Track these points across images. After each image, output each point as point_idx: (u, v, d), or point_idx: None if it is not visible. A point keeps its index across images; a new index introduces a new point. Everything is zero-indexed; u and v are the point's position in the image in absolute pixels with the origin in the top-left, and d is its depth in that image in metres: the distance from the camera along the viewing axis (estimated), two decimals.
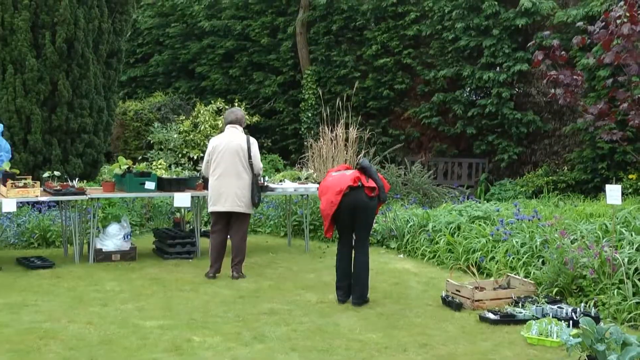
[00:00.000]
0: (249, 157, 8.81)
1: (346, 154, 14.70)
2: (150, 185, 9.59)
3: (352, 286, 7.65)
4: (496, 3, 15.04)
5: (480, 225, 9.85)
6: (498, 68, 15.25)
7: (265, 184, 10.30)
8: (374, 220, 8.01)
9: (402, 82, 16.52)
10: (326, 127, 15.07)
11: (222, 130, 9.26)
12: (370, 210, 7.53)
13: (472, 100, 15.85)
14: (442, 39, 15.87)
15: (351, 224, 7.57)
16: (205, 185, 9.69)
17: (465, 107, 15.69)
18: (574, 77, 10.35)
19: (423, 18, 16.26)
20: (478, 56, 15.53)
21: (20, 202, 9.62)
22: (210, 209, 8.85)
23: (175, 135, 15.61)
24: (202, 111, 16.25)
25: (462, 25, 15.40)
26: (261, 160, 15.99)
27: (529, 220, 9.48)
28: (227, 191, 8.71)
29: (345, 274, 7.69)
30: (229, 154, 8.75)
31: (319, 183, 10.99)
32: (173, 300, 7.68)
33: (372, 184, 7.52)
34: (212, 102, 16.92)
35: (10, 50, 11.61)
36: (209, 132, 15.73)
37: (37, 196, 9.14)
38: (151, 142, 16.38)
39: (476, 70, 15.33)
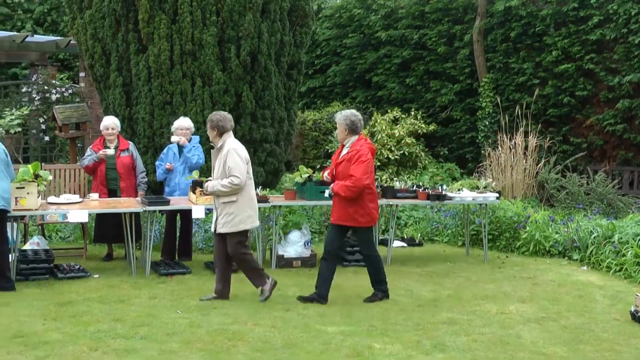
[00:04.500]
0: None
1: (525, 162, 14.39)
2: (328, 193, 9.77)
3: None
4: None
5: None
6: None
7: (443, 192, 10.28)
8: None
9: (584, 88, 15.95)
10: (504, 136, 14.83)
11: (220, 133, 8.13)
12: None
13: None
14: (627, 42, 15.19)
15: None
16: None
17: None
18: None
19: (607, 22, 15.63)
20: None
21: (208, 209, 10.07)
22: (253, 224, 8.22)
23: None
24: (378, 120, 16.40)
25: None
26: (438, 169, 16.16)
27: None
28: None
29: None
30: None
31: (498, 192, 10.87)
32: (353, 307, 7.81)
33: None
34: (388, 111, 17.04)
35: (199, 64, 12.20)
36: (385, 141, 15.85)
37: None
38: (329, 151, 16.69)
39: None
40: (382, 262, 8.49)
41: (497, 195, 10.62)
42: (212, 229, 8.25)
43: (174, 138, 10.24)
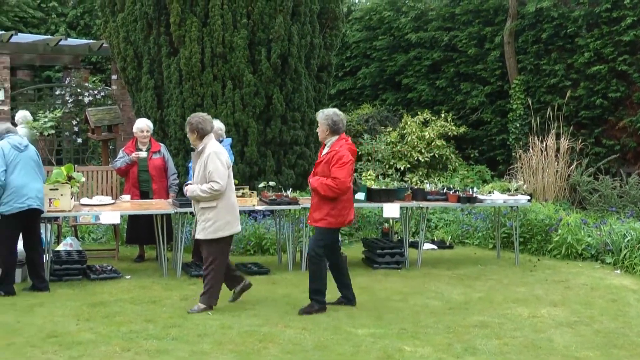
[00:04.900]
0: None
1: (557, 164, 14.28)
2: (360, 195, 9.80)
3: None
4: None
5: None
6: None
7: (474, 195, 10.23)
8: None
9: (617, 90, 15.79)
10: (536, 138, 14.72)
11: (201, 136, 7.81)
12: None
13: None
14: None
15: None
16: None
17: None
18: None
19: None
20: None
21: (241, 211, 10.11)
22: (232, 230, 7.86)
23: (383, 147, 15.83)
24: (409, 122, 16.36)
25: None
26: (468, 172, 16.08)
27: None
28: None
29: None
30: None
31: (529, 195, 10.80)
32: (383, 310, 7.80)
33: None
34: (418, 113, 17.00)
35: (230, 67, 12.26)
36: (415, 143, 15.80)
37: (254, 205, 9.61)
38: (359, 153, 16.69)
39: None
40: (326, 272, 7.87)
41: (529, 197, 10.55)
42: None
43: None
